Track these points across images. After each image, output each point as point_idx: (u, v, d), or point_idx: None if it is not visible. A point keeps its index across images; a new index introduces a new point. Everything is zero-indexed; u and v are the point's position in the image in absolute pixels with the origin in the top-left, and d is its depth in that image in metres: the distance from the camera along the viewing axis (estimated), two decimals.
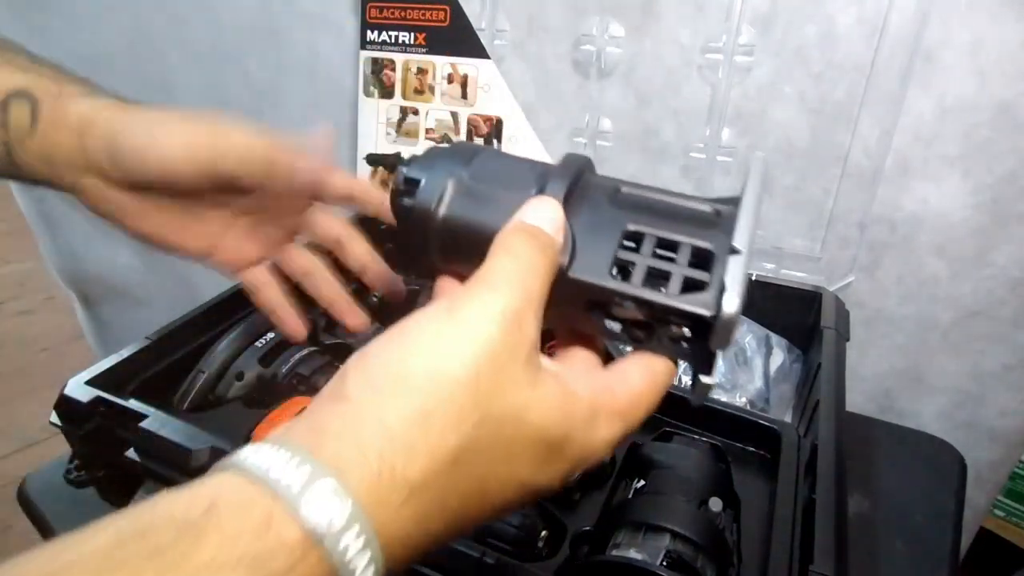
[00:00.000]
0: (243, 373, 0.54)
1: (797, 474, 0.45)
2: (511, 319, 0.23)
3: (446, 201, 0.29)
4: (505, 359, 0.23)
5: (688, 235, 0.27)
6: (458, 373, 0.22)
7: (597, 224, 0.28)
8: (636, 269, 0.26)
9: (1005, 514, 1.07)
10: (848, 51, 0.62)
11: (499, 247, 0.25)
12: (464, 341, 0.22)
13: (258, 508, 0.19)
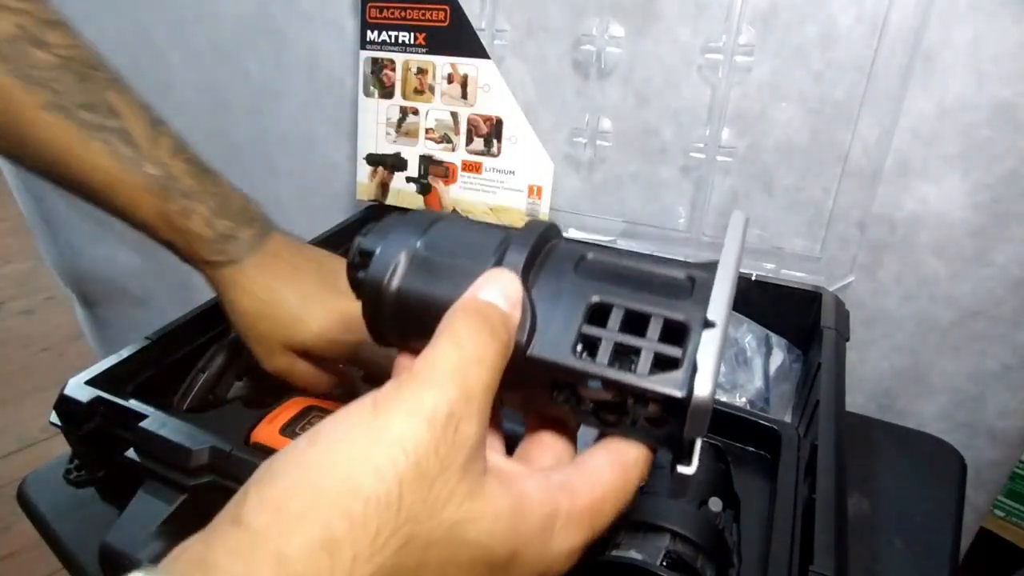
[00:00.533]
0: (243, 373, 0.54)
1: (797, 474, 0.45)
2: (444, 421, 0.19)
3: (399, 273, 0.27)
4: (435, 469, 0.19)
5: (659, 306, 0.24)
6: (375, 489, 0.18)
7: (560, 296, 0.25)
8: (602, 345, 0.24)
9: (1005, 514, 1.07)
10: (848, 51, 0.62)
11: (442, 331, 0.22)
12: (384, 449, 0.19)
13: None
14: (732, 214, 0.28)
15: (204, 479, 0.41)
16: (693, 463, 0.23)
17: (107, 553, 0.40)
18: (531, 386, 0.25)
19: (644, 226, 0.76)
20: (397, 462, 0.18)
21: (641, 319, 0.24)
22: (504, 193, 0.77)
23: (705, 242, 0.74)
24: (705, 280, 0.25)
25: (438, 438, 0.19)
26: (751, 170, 0.70)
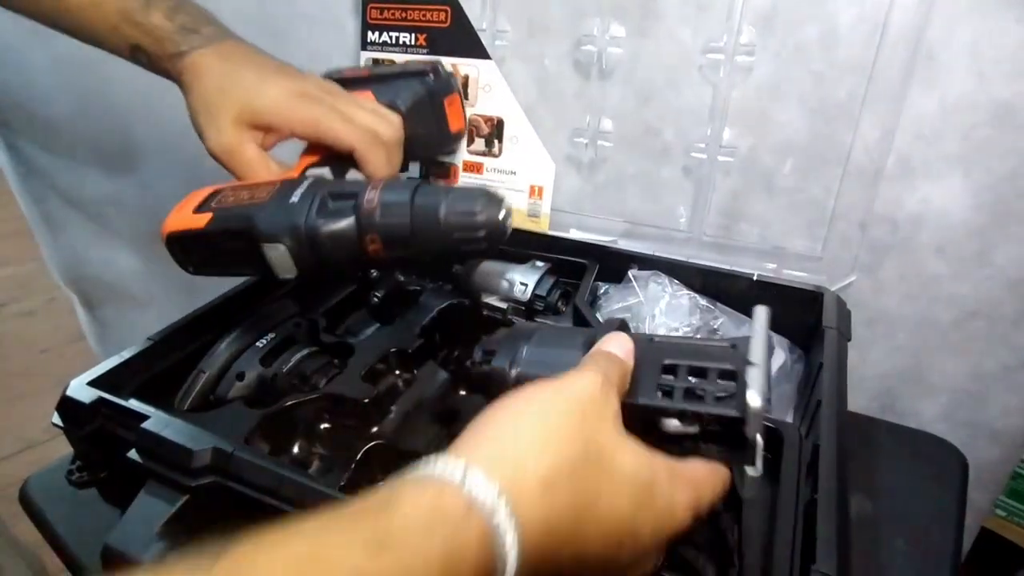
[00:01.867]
0: (244, 373, 0.54)
1: (799, 474, 0.45)
2: (602, 388, 0.31)
3: (518, 364, 0.39)
4: (600, 410, 0.30)
5: (713, 362, 0.35)
6: (569, 410, 0.30)
7: (641, 364, 0.36)
8: (676, 391, 0.34)
9: (1007, 514, 1.07)
10: (849, 51, 0.62)
11: (584, 363, 0.34)
12: (570, 393, 0.31)
13: (432, 488, 0.26)
14: (756, 309, 0.38)
15: (206, 479, 0.41)
16: (758, 465, 0.32)
17: (109, 554, 0.40)
18: (630, 428, 0.33)
19: (645, 226, 0.76)
20: (581, 399, 0.31)
21: (701, 372, 0.35)
22: (505, 193, 0.77)
23: (706, 242, 0.74)
24: (744, 342, 0.35)
25: (600, 394, 0.31)
26: (752, 170, 0.70)
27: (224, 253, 0.46)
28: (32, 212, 1.12)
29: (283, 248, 0.42)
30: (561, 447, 0.28)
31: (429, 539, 0.24)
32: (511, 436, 0.28)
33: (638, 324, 0.63)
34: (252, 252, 0.43)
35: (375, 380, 0.55)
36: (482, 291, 0.64)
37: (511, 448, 0.28)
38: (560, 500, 0.27)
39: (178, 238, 0.47)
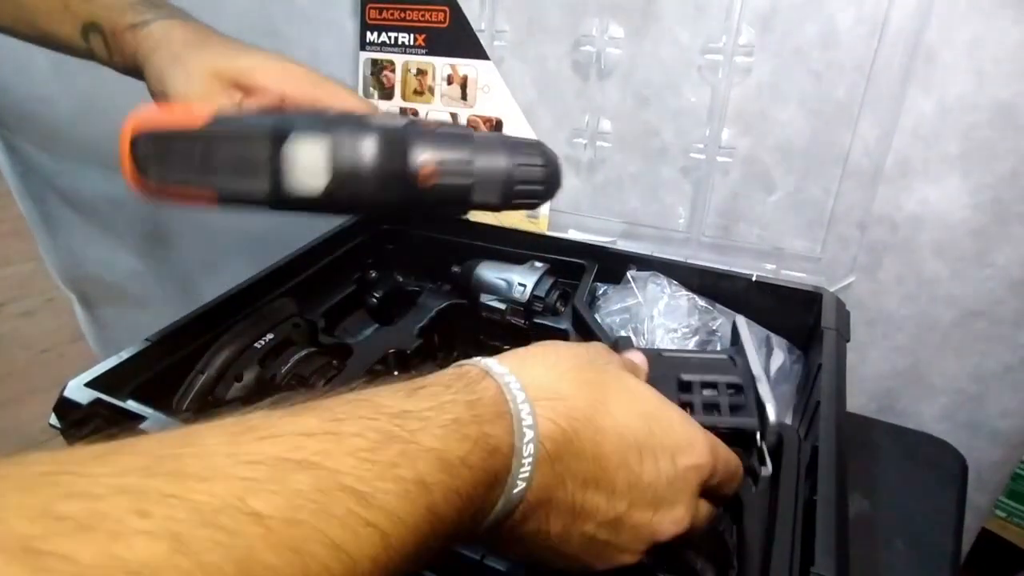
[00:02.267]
0: (242, 374, 0.54)
1: (798, 475, 0.45)
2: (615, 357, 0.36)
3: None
4: (612, 362, 0.35)
5: (720, 375, 0.39)
6: (579, 354, 0.33)
7: (655, 380, 0.38)
8: (696, 405, 0.38)
9: (1006, 515, 1.07)
10: (848, 51, 0.62)
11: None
12: (583, 349, 0.34)
13: (452, 370, 0.30)
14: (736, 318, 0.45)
15: None
16: (768, 465, 0.37)
17: None
18: None
19: (644, 227, 0.76)
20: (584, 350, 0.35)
21: (712, 385, 0.39)
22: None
23: (705, 243, 0.74)
24: (739, 354, 0.40)
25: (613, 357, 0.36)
26: (751, 170, 0.70)
27: (217, 160, 0.38)
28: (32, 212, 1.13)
29: (323, 146, 0.35)
30: (569, 369, 0.31)
31: (454, 388, 0.27)
32: (526, 363, 0.31)
33: (637, 324, 0.63)
34: (262, 159, 0.36)
35: (374, 381, 0.55)
36: (481, 292, 0.64)
37: (526, 368, 0.31)
38: (575, 410, 0.29)
39: (154, 138, 0.39)
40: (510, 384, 0.28)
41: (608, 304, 0.65)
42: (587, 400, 0.30)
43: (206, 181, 0.37)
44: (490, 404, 0.27)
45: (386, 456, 0.22)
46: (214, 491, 0.18)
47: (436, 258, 0.69)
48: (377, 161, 0.36)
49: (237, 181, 0.37)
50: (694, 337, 0.62)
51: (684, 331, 0.62)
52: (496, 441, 0.26)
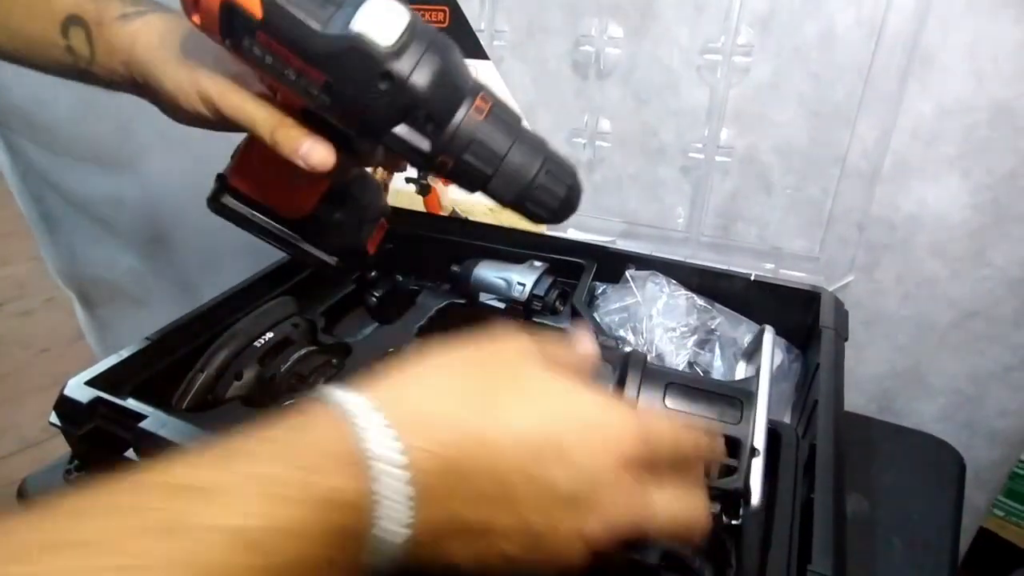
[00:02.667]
0: (242, 373, 0.54)
1: (796, 474, 0.45)
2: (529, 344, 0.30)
3: None
4: (519, 352, 0.30)
5: (722, 425, 0.37)
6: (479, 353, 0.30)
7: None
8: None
9: (1005, 514, 1.07)
10: (847, 52, 0.62)
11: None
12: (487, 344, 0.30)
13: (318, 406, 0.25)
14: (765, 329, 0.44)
15: None
16: (754, 502, 0.36)
17: None
18: None
19: (643, 226, 0.77)
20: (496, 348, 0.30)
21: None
22: None
23: (704, 242, 0.74)
24: (749, 399, 0.39)
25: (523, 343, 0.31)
26: (750, 170, 0.70)
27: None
28: (31, 212, 1.12)
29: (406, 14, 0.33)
30: (452, 381, 0.28)
31: (280, 442, 0.23)
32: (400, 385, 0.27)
33: (635, 324, 0.63)
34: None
35: None
36: (480, 291, 0.64)
37: (398, 391, 0.27)
38: (450, 411, 0.26)
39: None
40: (358, 420, 0.24)
41: (607, 303, 0.65)
42: (473, 412, 0.26)
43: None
44: (330, 452, 0.23)
45: (158, 553, 0.19)
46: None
47: (435, 257, 0.70)
48: (444, 63, 0.34)
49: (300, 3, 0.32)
50: (692, 336, 0.62)
51: (683, 330, 0.62)
52: (343, 494, 0.22)
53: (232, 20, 0.32)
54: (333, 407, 0.25)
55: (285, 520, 0.21)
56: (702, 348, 0.62)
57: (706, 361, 0.61)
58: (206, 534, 0.19)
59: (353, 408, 0.24)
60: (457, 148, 0.35)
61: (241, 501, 0.20)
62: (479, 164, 0.36)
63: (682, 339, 0.62)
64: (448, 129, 0.34)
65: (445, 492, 0.25)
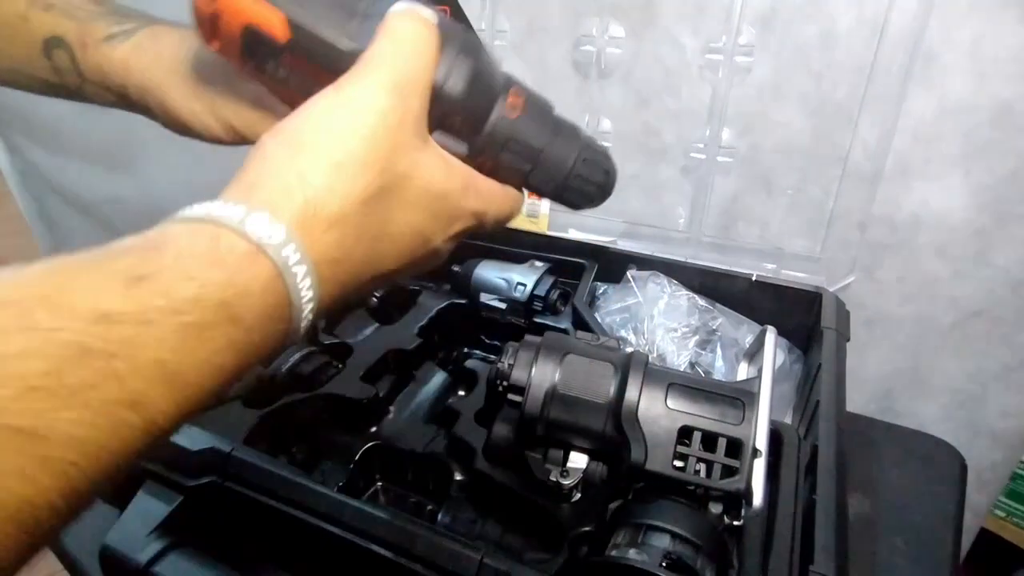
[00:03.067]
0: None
1: (797, 475, 0.45)
2: (394, 91, 0.27)
3: (549, 408, 0.40)
4: (395, 124, 0.27)
5: (723, 428, 0.38)
6: (360, 132, 0.26)
7: (658, 420, 0.38)
8: (690, 461, 0.37)
9: (1006, 514, 1.07)
10: (848, 51, 0.62)
11: (382, 31, 0.29)
12: (359, 110, 0.26)
13: (207, 232, 0.22)
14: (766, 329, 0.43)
15: (204, 479, 0.41)
16: (756, 504, 0.37)
17: (107, 554, 0.40)
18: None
19: (644, 226, 0.76)
20: (370, 116, 0.26)
21: (712, 438, 0.38)
22: None
23: (705, 242, 0.74)
24: (750, 396, 0.39)
25: (393, 102, 0.27)
26: (751, 170, 0.70)
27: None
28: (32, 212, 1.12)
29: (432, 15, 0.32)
30: (354, 182, 0.26)
31: (202, 278, 0.21)
32: (294, 173, 0.25)
33: (636, 324, 0.63)
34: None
35: (374, 380, 0.55)
36: (481, 291, 0.64)
37: (295, 186, 0.24)
38: (352, 232, 0.26)
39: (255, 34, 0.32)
40: (290, 269, 0.23)
41: (608, 303, 0.65)
42: (370, 239, 0.27)
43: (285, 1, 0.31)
44: (260, 306, 0.22)
45: (72, 380, 0.18)
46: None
47: None
48: (476, 65, 0.33)
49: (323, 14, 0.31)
50: (694, 337, 0.62)
51: (684, 331, 0.62)
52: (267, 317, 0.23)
53: (255, 45, 0.31)
54: (255, 243, 0.23)
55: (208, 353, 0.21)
56: (703, 349, 0.62)
57: (707, 362, 0.61)
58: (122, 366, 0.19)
59: (270, 245, 0.23)
60: (495, 148, 0.34)
61: (169, 336, 0.20)
62: (518, 161, 0.35)
63: (683, 339, 0.62)
64: (485, 130, 0.34)
65: (331, 289, 0.26)
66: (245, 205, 0.23)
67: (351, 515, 0.38)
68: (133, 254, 0.20)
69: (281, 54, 0.31)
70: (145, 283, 0.20)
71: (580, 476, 0.41)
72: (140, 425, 0.19)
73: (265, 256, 0.22)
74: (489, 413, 0.50)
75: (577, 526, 0.43)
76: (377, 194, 0.26)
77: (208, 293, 0.21)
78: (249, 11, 0.30)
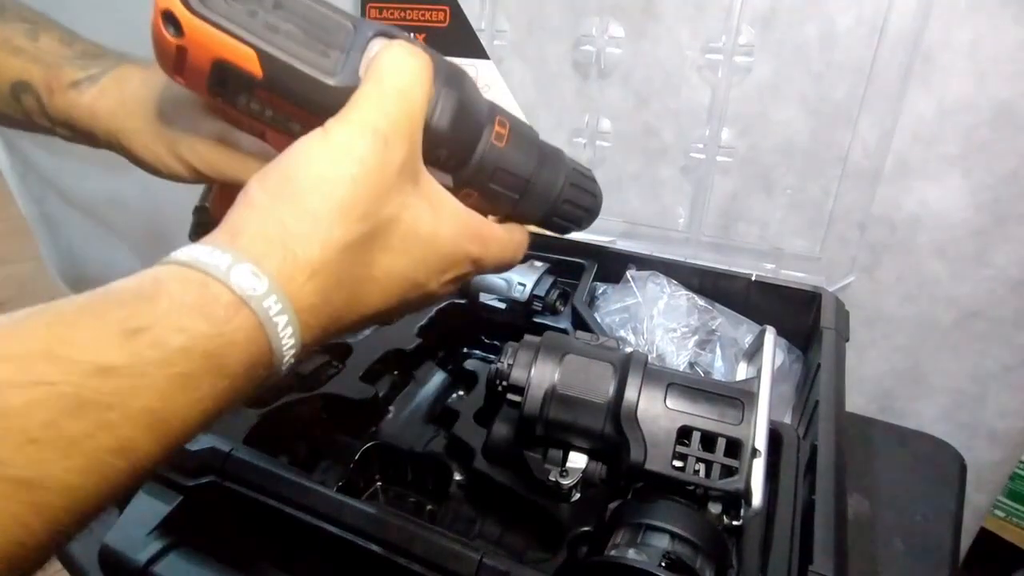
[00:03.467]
0: None
1: (797, 475, 0.45)
2: (378, 137, 0.27)
3: (548, 408, 0.40)
4: (377, 170, 0.27)
5: (722, 428, 0.38)
6: (339, 179, 0.26)
7: (658, 420, 0.38)
8: (689, 461, 0.38)
9: (1005, 514, 1.07)
10: (848, 51, 0.62)
11: (371, 73, 0.28)
12: (340, 156, 0.26)
13: (196, 280, 0.23)
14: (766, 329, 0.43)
15: (203, 479, 0.41)
16: (755, 504, 0.37)
17: (107, 554, 0.40)
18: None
19: (644, 226, 0.77)
20: (350, 164, 0.26)
21: (712, 439, 0.38)
22: None
23: (704, 242, 0.74)
24: (750, 400, 0.39)
25: (375, 148, 0.27)
26: (751, 170, 0.70)
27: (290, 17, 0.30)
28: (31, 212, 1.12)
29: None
30: (332, 230, 0.25)
31: (192, 329, 0.21)
32: (276, 222, 0.25)
33: (636, 324, 0.63)
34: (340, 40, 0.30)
35: (373, 380, 0.55)
36: (480, 291, 0.64)
37: (277, 236, 0.25)
38: (333, 279, 0.26)
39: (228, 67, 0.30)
40: (272, 320, 0.24)
41: (608, 303, 0.65)
42: (353, 282, 0.27)
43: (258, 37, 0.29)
44: (243, 355, 0.23)
45: (70, 432, 0.18)
46: None
47: None
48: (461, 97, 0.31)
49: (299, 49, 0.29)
50: (693, 337, 0.62)
51: (683, 331, 0.62)
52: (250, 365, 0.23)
53: (226, 80, 0.29)
54: (239, 295, 0.23)
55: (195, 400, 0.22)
56: (703, 349, 0.62)
57: (707, 362, 0.61)
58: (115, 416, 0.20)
59: (254, 296, 0.23)
60: (482, 179, 0.33)
61: (160, 386, 0.21)
62: (505, 191, 0.34)
63: (683, 339, 0.62)
64: (472, 161, 0.33)
65: (316, 336, 0.26)
66: (231, 254, 0.23)
67: (350, 515, 0.38)
68: (129, 305, 0.21)
69: (254, 89, 0.30)
70: (140, 335, 0.20)
71: (579, 476, 0.41)
72: (127, 470, 0.20)
73: (248, 308, 0.23)
74: (488, 413, 0.50)
75: (576, 526, 0.43)
76: (359, 240, 0.26)
77: (197, 344, 0.21)
78: (220, 47, 0.28)
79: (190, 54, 0.29)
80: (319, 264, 0.25)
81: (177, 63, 0.29)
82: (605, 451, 0.41)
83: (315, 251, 0.25)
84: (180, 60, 0.29)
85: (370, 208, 0.27)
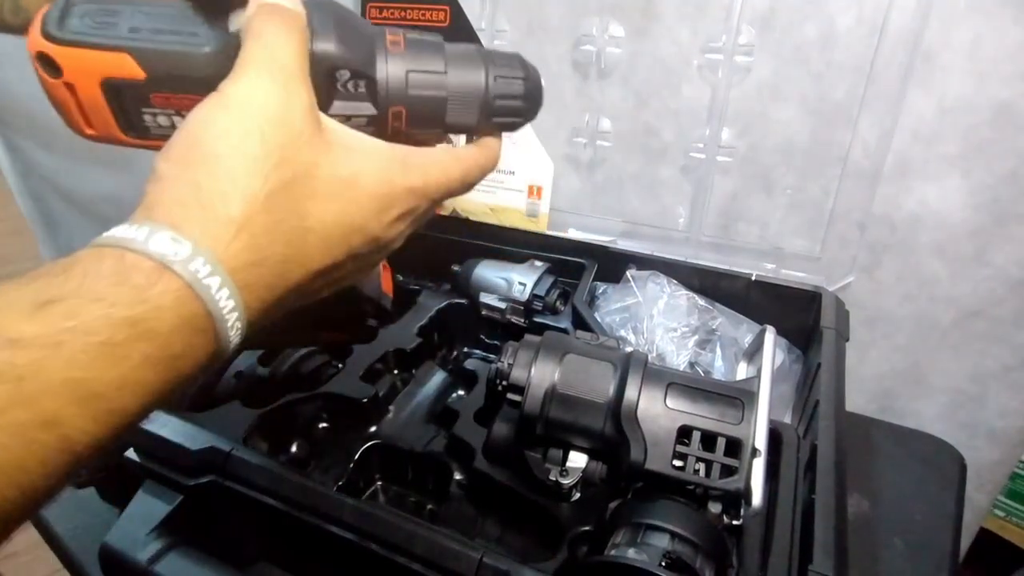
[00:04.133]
0: (242, 372, 0.54)
1: (797, 474, 0.45)
2: (274, 83, 0.27)
3: (548, 408, 0.40)
4: (282, 115, 0.26)
5: (722, 428, 0.38)
6: (247, 132, 0.25)
7: (658, 420, 0.39)
8: (689, 461, 0.38)
9: (1005, 514, 1.07)
10: (848, 51, 0.62)
11: (248, 33, 0.28)
12: (241, 111, 0.26)
13: (112, 255, 0.22)
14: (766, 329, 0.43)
15: (203, 479, 0.41)
16: (755, 504, 0.37)
17: (107, 553, 0.40)
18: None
19: (644, 226, 0.77)
20: (252, 116, 0.26)
21: (712, 438, 0.38)
22: (504, 193, 0.78)
23: (704, 242, 0.74)
24: (750, 400, 0.39)
25: (274, 97, 0.26)
26: (751, 170, 0.70)
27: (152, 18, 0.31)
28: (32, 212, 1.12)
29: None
30: (250, 182, 0.25)
31: (110, 297, 0.21)
32: (189, 186, 0.25)
33: (636, 324, 0.63)
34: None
35: (373, 379, 0.55)
36: (480, 291, 0.64)
37: (193, 198, 0.24)
38: (262, 232, 0.25)
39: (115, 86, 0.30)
40: (202, 282, 0.23)
41: (608, 303, 0.65)
42: (285, 235, 0.26)
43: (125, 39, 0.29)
44: (174, 322, 0.22)
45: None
46: None
47: (436, 257, 0.69)
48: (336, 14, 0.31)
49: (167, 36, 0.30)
50: (693, 336, 0.62)
51: (683, 330, 0.62)
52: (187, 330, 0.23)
53: (120, 98, 0.29)
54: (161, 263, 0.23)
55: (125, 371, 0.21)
56: (703, 348, 0.62)
57: (707, 361, 0.61)
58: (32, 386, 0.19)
59: (176, 260, 0.23)
60: (398, 91, 0.32)
61: (80, 357, 0.20)
62: (428, 92, 0.33)
63: (683, 339, 0.62)
64: (379, 78, 0.32)
65: (261, 296, 0.26)
66: (148, 226, 0.23)
67: (351, 514, 0.38)
68: (40, 280, 0.21)
69: (149, 95, 0.29)
70: (52, 306, 0.20)
71: (579, 475, 0.41)
72: (55, 444, 0.19)
73: (171, 271, 0.22)
74: (489, 413, 0.50)
75: (576, 525, 0.43)
76: (281, 188, 0.26)
77: (116, 312, 0.21)
78: (97, 63, 0.29)
79: (78, 88, 0.29)
80: (243, 219, 0.24)
81: (78, 108, 0.30)
82: (605, 451, 0.41)
83: (236, 206, 0.24)
84: (77, 103, 0.29)
85: (285, 154, 0.26)
